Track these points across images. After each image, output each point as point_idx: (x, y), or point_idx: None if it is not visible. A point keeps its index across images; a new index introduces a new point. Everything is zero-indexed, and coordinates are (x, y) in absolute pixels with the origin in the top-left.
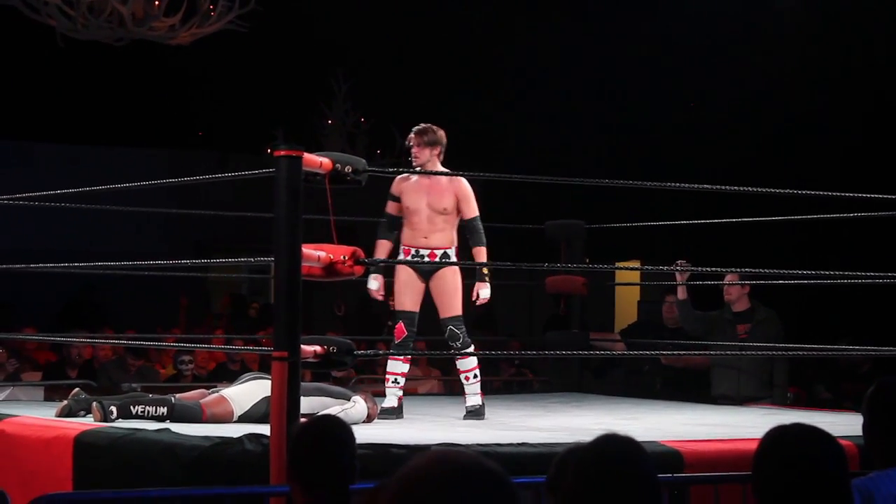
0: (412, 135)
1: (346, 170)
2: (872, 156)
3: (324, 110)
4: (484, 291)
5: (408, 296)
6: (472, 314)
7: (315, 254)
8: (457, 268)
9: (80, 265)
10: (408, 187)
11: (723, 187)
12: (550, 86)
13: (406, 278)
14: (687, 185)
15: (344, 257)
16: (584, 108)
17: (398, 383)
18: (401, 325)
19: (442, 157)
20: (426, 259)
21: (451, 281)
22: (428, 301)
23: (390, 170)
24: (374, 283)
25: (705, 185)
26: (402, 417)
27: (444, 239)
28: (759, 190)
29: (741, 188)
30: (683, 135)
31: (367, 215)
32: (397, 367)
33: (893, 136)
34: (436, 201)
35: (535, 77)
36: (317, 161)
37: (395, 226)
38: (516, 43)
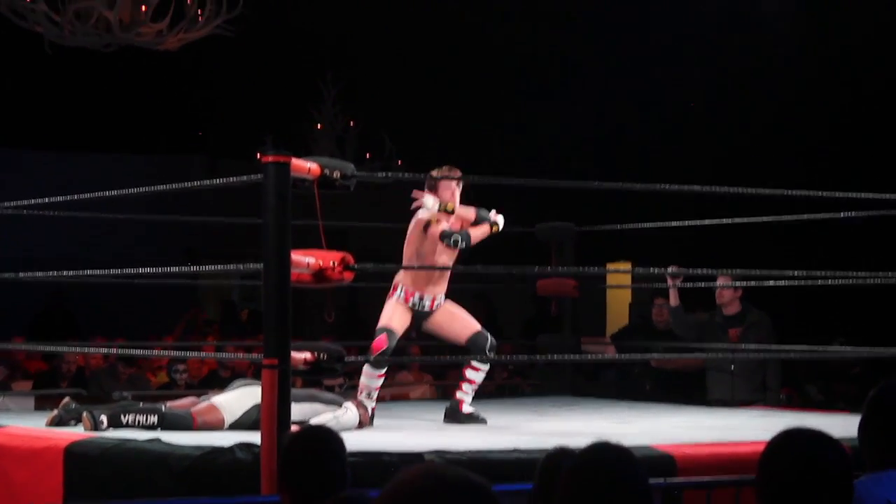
0: (455, 182)
1: (334, 175)
2: (864, 155)
3: (312, 114)
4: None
5: (398, 320)
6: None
7: (304, 260)
8: None
9: (69, 273)
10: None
11: (712, 188)
12: (539, 88)
13: (403, 312)
14: (677, 186)
15: (333, 263)
16: (572, 110)
17: (371, 397)
18: (383, 337)
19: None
20: (426, 307)
21: (456, 306)
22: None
23: (379, 174)
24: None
25: (695, 187)
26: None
27: (445, 285)
28: (750, 191)
29: (731, 189)
30: (673, 135)
31: (357, 220)
32: (372, 381)
33: (886, 136)
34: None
35: (524, 80)
36: (305, 167)
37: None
38: (505, 46)
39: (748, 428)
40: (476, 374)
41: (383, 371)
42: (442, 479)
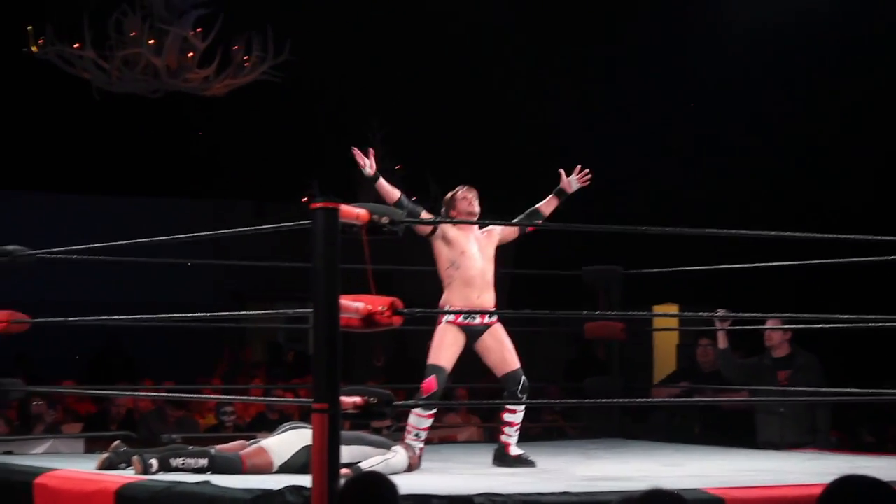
0: (473, 193)
1: (382, 220)
2: None
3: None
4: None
5: (449, 353)
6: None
7: (353, 305)
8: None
9: (118, 318)
10: (460, 234)
11: (760, 232)
12: (585, 133)
13: (454, 339)
14: (724, 231)
15: (382, 308)
16: (617, 153)
17: (419, 437)
18: (433, 379)
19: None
20: (476, 321)
21: (505, 334)
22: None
23: (426, 219)
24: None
25: (742, 231)
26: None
27: (493, 297)
28: (799, 235)
29: (778, 233)
30: (720, 176)
31: (405, 264)
32: (421, 422)
33: None
34: (486, 248)
35: (568, 125)
36: (353, 213)
37: (413, 216)
38: (551, 92)
39: (798, 471)
40: (513, 416)
41: (433, 412)
42: None
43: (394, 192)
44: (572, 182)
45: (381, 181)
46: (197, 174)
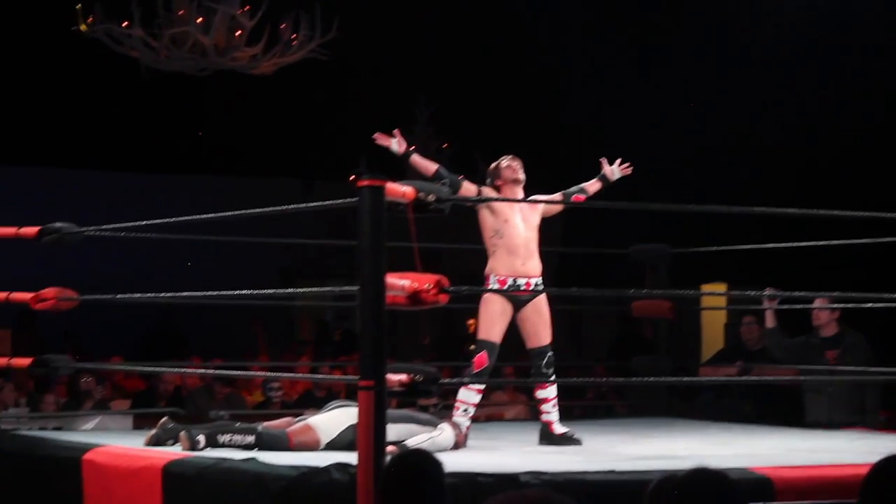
0: (518, 161)
1: (428, 198)
2: None
3: (406, 136)
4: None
5: (499, 327)
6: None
7: (399, 283)
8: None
9: (166, 294)
10: (504, 203)
11: (809, 211)
12: (632, 109)
13: (502, 309)
14: (773, 208)
15: (428, 286)
16: (665, 130)
17: (468, 413)
18: (484, 354)
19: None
20: (521, 287)
21: (546, 308)
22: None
23: (472, 197)
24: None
25: (790, 209)
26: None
27: (538, 265)
28: (848, 213)
29: (828, 211)
30: (770, 154)
31: (451, 243)
32: (471, 396)
33: None
34: (531, 216)
35: (617, 101)
36: (399, 190)
37: (455, 187)
38: (597, 69)
39: (847, 450)
40: (545, 391)
41: (482, 387)
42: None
43: (430, 166)
44: (614, 171)
45: (415, 157)
46: (245, 153)
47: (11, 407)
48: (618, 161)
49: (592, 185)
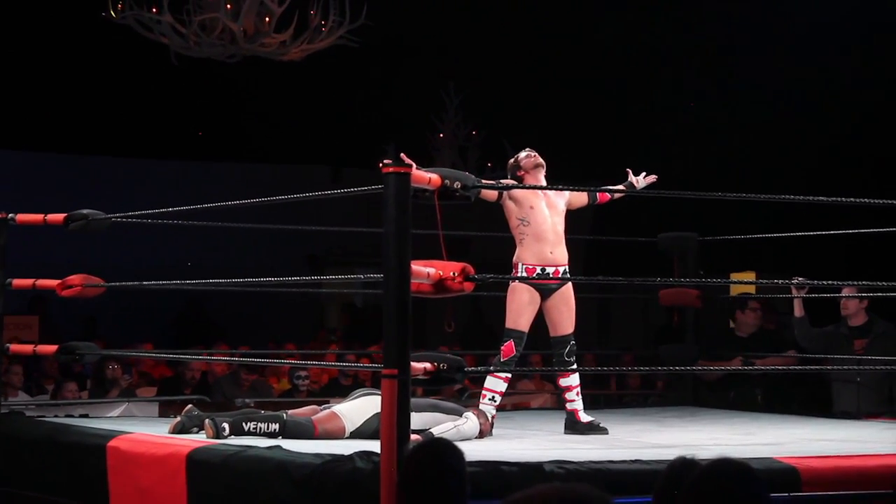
0: (535, 152)
1: (454, 185)
2: None
3: (435, 123)
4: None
5: (526, 316)
6: (582, 329)
7: (425, 270)
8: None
9: (194, 282)
10: (527, 191)
11: (839, 199)
12: (661, 96)
13: (530, 298)
14: (801, 197)
15: (454, 273)
16: (695, 117)
17: (494, 401)
18: (511, 343)
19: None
20: (550, 275)
21: (572, 297)
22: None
23: (499, 183)
24: None
25: (819, 197)
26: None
27: (565, 253)
28: (877, 202)
29: (858, 200)
30: (799, 143)
31: (478, 230)
32: (497, 384)
33: None
34: (556, 202)
35: (643, 89)
36: (425, 177)
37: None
38: (626, 58)
39: (876, 441)
40: (568, 379)
41: (509, 375)
42: (563, 496)
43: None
44: (640, 181)
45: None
46: (274, 140)
47: (38, 395)
48: (643, 174)
49: (618, 190)
